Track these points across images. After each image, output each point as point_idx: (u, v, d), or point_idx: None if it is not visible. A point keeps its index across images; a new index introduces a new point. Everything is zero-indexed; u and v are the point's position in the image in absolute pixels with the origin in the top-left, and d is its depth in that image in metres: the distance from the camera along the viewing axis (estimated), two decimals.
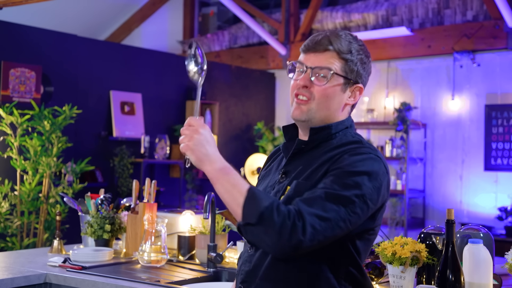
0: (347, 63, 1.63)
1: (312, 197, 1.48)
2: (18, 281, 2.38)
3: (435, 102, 6.57)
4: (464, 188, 6.34)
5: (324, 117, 1.64)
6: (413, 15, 6.66)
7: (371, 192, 1.53)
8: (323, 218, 1.46)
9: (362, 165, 1.54)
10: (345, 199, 1.48)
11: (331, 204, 1.47)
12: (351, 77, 1.64)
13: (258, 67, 7.69)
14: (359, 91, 1.67)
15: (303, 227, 1.43)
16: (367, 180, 1.52)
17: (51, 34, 5.51)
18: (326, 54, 1.63)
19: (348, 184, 1.50)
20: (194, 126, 1.53)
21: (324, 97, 1.63)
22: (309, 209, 1.46)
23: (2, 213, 4.40)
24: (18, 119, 4.42)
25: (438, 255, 2.17)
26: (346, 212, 1.48)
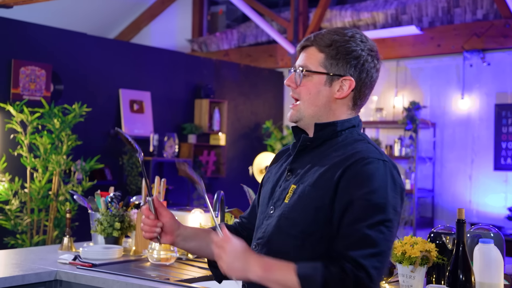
0: (327, 56, 1.61)
1: (355, 239, 1.46)
2: (29, 278, 2.39)
3: (445, 101, 6.55)
4: (474, 188, 6.31)
5: (314, 113, 1.64)
6: (422, 14, 6.64)
7: (395, 199, 1.53)
8: (378, 254, 1.46)
9: (376, 178, 1.51)
10: (382, 222, 1.48)
11: (375, 233, 1.46)
12: (331, 71, 1.61)
13: (267, 65, 7.69)
14: (348, 84, 1.62)
15: (367, 274, 1.43)
16: (386, 191, 1.51)
17: (61, 33, 5.53)
18: (308, 51, 1.65)
19: (377, 205, 1.49)
20: (220, 247, 1.53)
21: (307, 95, 1.63)
22: (360, 252, 1.45)
23: (12, 210, 4.43)
24: (28, 117, 4.45)
25: (448, 254, 2.17)
26: (389, 232, 1.49)
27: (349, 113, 1.66)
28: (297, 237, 1.56)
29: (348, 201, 1.50)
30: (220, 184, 6.93)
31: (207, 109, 6.71)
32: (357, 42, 1.62)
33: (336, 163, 1.56)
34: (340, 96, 1.63)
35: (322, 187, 1.55)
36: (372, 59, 1.63)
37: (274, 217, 1.63)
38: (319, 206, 1.54)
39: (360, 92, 1.64)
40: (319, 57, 1.62)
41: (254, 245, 1.68)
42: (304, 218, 1.56)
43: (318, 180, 1.56)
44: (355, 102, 1.66)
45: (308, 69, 1.63)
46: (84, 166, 4.71)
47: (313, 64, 1.63)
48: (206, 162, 6.80)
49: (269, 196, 1.70)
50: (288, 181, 1.65)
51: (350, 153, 1.57)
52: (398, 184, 1.55)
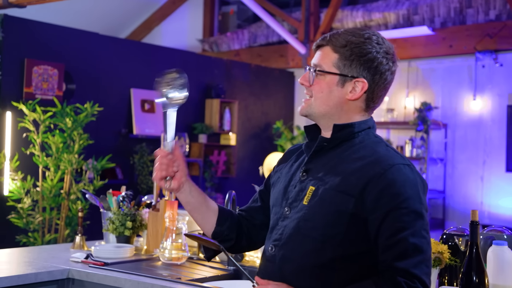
0: (341, 57, 1.60)
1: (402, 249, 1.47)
2: (42, 276, 2.41)
3: (456, 102, 6.52)
4: (485, 189, 6.28)
5: (325, 112, 1.63)
6: (434, 14, 6.61)
7: (425, 201, 1.56)
8: (425, 259, 1.48)
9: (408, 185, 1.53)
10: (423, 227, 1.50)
11: (419, 240, 1.48)
12: (344, 72, 1.60)
13: (278, 66, 7.68)
14: (360, 86, 1.60)
15: (421, 282, 1.46)
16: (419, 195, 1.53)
17: (73, 32, 5.56)
18: (323, 50, 1.64)
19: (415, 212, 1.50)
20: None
21: (319, 93, 1.63)
22: (410, 261, 1.46)
23: (24, 208, 4.46)
24: (40, 116, 4.47)
25: (461, 256, 2.15)
26: (428, 234, 1.52)
27: (362, 114, 1.65)
28: (317, 240, 1.55)
29: (386, 212, 1.50)
30: (230, 184, 6.94)
31: (218, 109, 6.72)
32: (373, 44, 1.60)
33: (359, 168, 1.55)
34: (352, 97, 1.62)
35: (345, 192, 1.54)
36: (387, 62, 1.61)
37: (292, 218, 1.62)
38: (342, 211, 1.53)
39: (373, 94, 1.63)
40: (333, 57, 1.62)
41: (270, 247, 1.66)
42: (325, 221, 1.55)
43: (341, 185, 1.55)
44: (368, 104, 1.65)
45: (321, 69, 1.62)
46: (96, 165, 4.73)
47: (327, 64, 1.62)
48: (216, 162, 6.81)
49: (282, 197, 1.69)
50: (304, 182, 1.64)
51: (372, 158, 1.57)
52: (425, 185, 1.58)
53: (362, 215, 1.52)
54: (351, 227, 1.53)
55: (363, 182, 1.52)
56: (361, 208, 1.52)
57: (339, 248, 1.53)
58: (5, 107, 4.89)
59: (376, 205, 1.50)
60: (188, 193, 1.72)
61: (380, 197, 1.50)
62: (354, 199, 1.52)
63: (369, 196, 1.51)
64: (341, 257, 1.53)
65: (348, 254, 1.53)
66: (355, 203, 1.52)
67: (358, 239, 1.53)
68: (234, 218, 1.81)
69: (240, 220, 1.82)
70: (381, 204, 1.50)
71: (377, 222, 1.50)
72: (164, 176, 1.66)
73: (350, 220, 1.52)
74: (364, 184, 1.52)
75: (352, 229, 1.53)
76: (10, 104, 4.86)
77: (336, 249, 1.53)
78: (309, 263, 1.56)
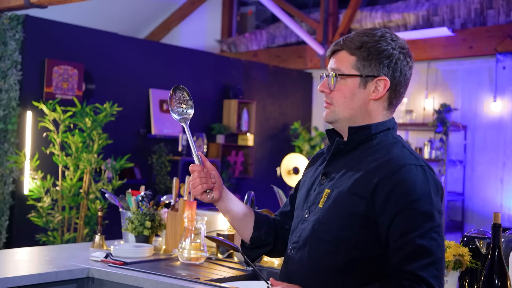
0: (359, 58, 1.59)
1: (409, 251, 1.45)
2: (62, 274, 2.43)
3: (476, 104, 6.46)
4: (505, 192, 6.21)
5: (350, 116, 1.62)
6: (454, 15, 6.55)
7: (438, 203, 1.52)
8: (435, 262, 1.45)
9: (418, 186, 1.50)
10: (433, 229, 1.47)
11: (428, 242, 1.45)
12: (364, 72, 1.59)
13: (296, 66, 7.67)
14: (383, 85, 1.60)
15: (428, 285, 1.43)
16: (430, 197, 1.50)
17: (93, 33, 5.60)
18: (339, 55, 1.63)
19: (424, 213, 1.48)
20: None
21: (341, 99, 1.61)
22: (417, 264, 1.44)
23: (44, 207, 4.50)
24: (60, 116, 4.51)
25: (482, 259, 2.13)
26: (440, 237, 1.48)
27: (384, 113, 1.64)
28: (331, 242, 1.55)
29: (394, 213, 1.48)
30: (248, 184, 6.94)
31: (236, 109, 6.73)
32: (388, 41, 1.60)
33: (371, 170, 1.54)
34: (376, 97, 1.61)
35: (357, 194, 1.53)
36: (404, 57, 1.62)
37: (309, 221, 1.62)
38: (354, 213, 1.52)
39: (395, 91, 1.63)
40: (351, 60, 1.61)
41: (289, 249, 1.67)
42: (338, 223, 1.55)
43: (353, 187, 1.54)
44: (391, 102, 1.64)
45: (341, 73, 1.61)
46: (114, 165, 4.77)
47: (346, 67, 1.61)
48: (234, 162, 6.82)
49: (304, 200, 1.69)
50: (323, 185, 1.64)
51: (384, 159, 1.55)
52: (439, 187, 1.54)
53: (373, 217, 1.51)
54: (364, 230, 1.52)
55: (374, 183, 1.51)
56: (372, 210, 1.51)
57: (354, 250, 1.52)
58: (26, 106, 4.94)
59: (385, 206, 1.49)
60: (227, 202, 1.74)
61: (389, 198, 1.49)
62: (366, 201, 1.51)
63: (378, 198, 1.50)
64: (356, 259, 1.52)
65: (363, 257, 1.52)
66: (366, 205, 1.51)
67: (372, 242, 1.52)
68: (270, 223, 1.82)
69: (275, 224, 1.83)
70: (390, 205, 1.49)
71: (387, 224, 1.49)
72: (205, 189, 1.68)
73: (363, 223, 1.51)
74: (374, 185, 1.51)
75: (365, 231, 1.52)
76: (30, 104, 4.91)
77: (351, 252, 1.53)
78: (325, 266, 1.55)
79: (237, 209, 1.77)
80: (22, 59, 4.96)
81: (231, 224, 1.80)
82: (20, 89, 4.95)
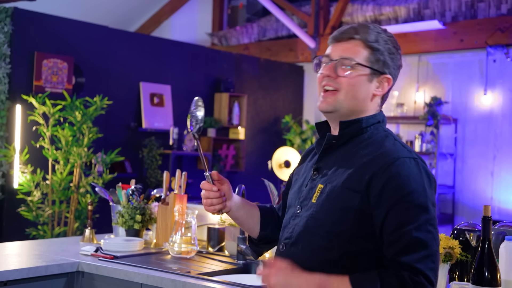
0: (373, 52, 1.59)
1: (405, 244, 1.45)
2: (52, 268, 2.41)
3: (467, 97, 6.48)
4: (495, 185, 6.24)
5: (353, 107, 1.61)
6: (445, 8, 6.56)
7: (432, 195, 1.52)
8: (430, 254, 1.45)
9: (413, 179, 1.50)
10: (428, 221, 1.47)
11: (424, 235, 1.45)
12: (377, 67, 1.60)
13: (287, 60, 7.66)
14: (387, 82, 1.62)
15: (425, 277, 1.43)
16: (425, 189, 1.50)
17: (83, 26, 5.57)
18: (352, 42, 1.61)
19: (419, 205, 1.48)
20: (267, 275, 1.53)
21: (351, 86, 1.59)
22: (414, 256, 1.44)
23: (34, 201, 4.47)
24: (50, 109, 4.48)
25: (472, 252, 2.14)
26: (435, 229, 1.49)
27: (377, 109, 1.66)
28: (325, 238, 1.54)
29: (389, 206, 1.48)
30: (239, 178, 6.94)
31: (227, 103, 6.71)
32: (392, 40, 1.64)
33: (364, 164, 1.54)
34: (378, 93, 1.63)
35: (351, 189, 1.53)
36: (400, 57, 1.66)
37: (302, 217, 1.61)
38: (348, 207, 1.52)
39: (389, 90, 1.67)
40: (366, 52, 1.60)
41: (281, 245, 1.66)
42: (331, 218, 1.54)
43: (347, 181, 1.54)
44: (383, 98, 1.67)
45: (356, 61, 1.59)
46: (105, 158, 4.74)
47: (359, 57, 1.59)
48: (225, 156, 6.81)
49: (296, 196, 1.69)
50: (315, 180, 1.63)
51: (377, 153, 1.55)
52: (432, 179, 1.55)
53: (368, 211, 1.51)
54: (358, 224, 1.51)
55: (367, 177, 1.51)
56: (366, 204, 1.51)
57: (348, 245, 1.52)
58: (15, 100, 4.90)
59: (379, 200, 1.49)
60: (235, 211, 1.79)
61: (383, 191, 1.49)
62: (360, 195, 1.51)
63: (373, 191, 1.50)
64: (350, 254, 1.52)
65: (357, 251, 1.52)
66: (361, 199, 1.51)
67: (366, 236, 1.51)
68: (275, 218, 1.86)
69: (279, 220, 1.86)
70: (384, 199, 1.49)
71: (381, 217, 1.49)
72: (218, 210, 1.73)
73: (357, 217, 1.51)
74: (368, 179, 1.51)
75: (359, 226, 1.51)
76: (20, 97, 4.87)
77: (345, 246, 1.52)
78: (319, 261, 1.55)
79: (245, 215, 1.82)
80: (11, 52, 4.92)
81: (241, 226, 1.88)
82: (9, 83, 4.91)
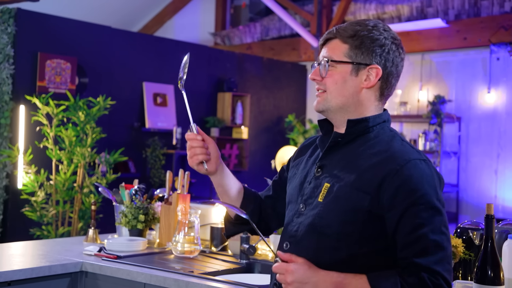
0: (352, 46, 1.60)
1: (423, 246, 1.45)
2: (55, 268, 2.42)
3: (470, 95, 6.46)
4: (499, 183, 6.22)
5: (341, 103, 1.61)
6: (448, 7, 6.54)
7: (442, 196, 1.53)
8: (447, 256, 1.47)
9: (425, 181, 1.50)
10: (442, 223, 1.49)
11: (440, 237, 1.46)
12: (360, 60, 1.59)
13: (290, 59, 7.66)
14: (375, 73, 1.60)
15: (443, 279, 1.44)
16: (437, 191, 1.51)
17: (86, 26, 5.57)
18: (332, 43, 1.63)
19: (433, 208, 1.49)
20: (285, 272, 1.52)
21: (334, 85, 1.61)
22: (432, 258, 1.45)
23: (38, 202, 4.48)
24: (53, 110, 4.49)
25: (475, 250, 2.13)
26: (448, 231, 1.50)
27: (376, 104, 1.64)
28: (333, 238, 1.54)
29: (403, 209, 1.48)
30: (243, 177, 6.94)
31: (230, 102, 6.71)
32: (380, 31, 1.61)
33: (374, 165, 1.53)
34: (367, 85, 1.61)
35: (361, 189, 1.52)
36: (396, 48, 1.62)
37: (308, 216, 1.60)
38: (357, 208, 1.52)
39: (387, 81, 1.62)
40: (343, 48, 1.61)
41: (285, 244, 1.65)
42: (340, 218, 1.53)
43: (356, 182, 1.53)
44: (382, 92, 1.64)
45: (333, 59, 1.61)
46: (108, 158, 4.75)
47: (338, 55, 1.61)
48: (228, 155, 6.81)
49: (297, 193, 1.67)
50: (320, 179, 1.62)
51: (388, 154, 1.55)
52: (442, 180, 1.56)
53: (379, 213, 1.50)
54: (367, 225, 1.51)
55: (378, 179, 1.51)
56: (377, 205, 1.50)
57: (355, 245, 1.51)
58: (19, 100, 4.92)
59: (393, 202, 1.49)
60: (222, 176, 1.76)
61: (397, 194, 1.49)
62: (370, 196, 1.51)
63: (385, 194, 1.50)
64: (357, 254, 1.51)
65: (365, 252, 1.51)
66: (371, 201, 1.50)
67: (375, 237, 1.51)
68: (257, 202, 1.84)
69: (261, 205, 1.85)
70: (398, 201, 1.48)
71: (395, 219, 1.49)
72: (201, 160, 1.69)
73: (366, 218, 1.51)
74: (379, 181, 1.50)
75: (368, 226, 1.51)
76: (23, 98, 4.88)
77: (352, 247, 1.52)
78: (325, 261, 1.54)
79: (229, 185, 1.79)
80: (15, 53, 4.93)
81: (220, 197, 1.82)
82: (12, 83, 4.92)
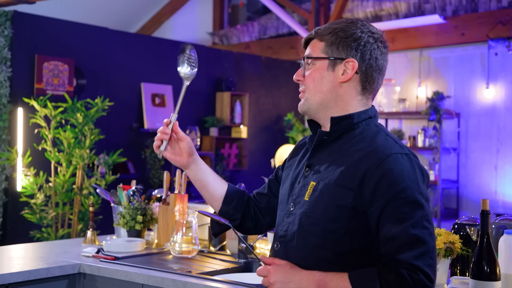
0: (328, 42, 1.63)
1: (403, 241, 1.44)
2: (53, 271, 2.42)
3: (469, 91, 6.45)
4: (499, 178, 6.22)
5: (320, 100, 1.64)
6: (446, 3, 6.53)
7: (425, 190, 1.52)
8: (428, 251, 1.44)
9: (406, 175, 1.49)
10: (424, 217, 1.46)
11: (420, 231, 1.44)
12: (333, 55, 1.61)
13: (288, 57, 7.65)
14: (351, 66, 1.60)
15: (424, 274, 1.42)
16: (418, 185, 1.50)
17: (83, 28, 5.57)
18: (311, 43, 1.68)
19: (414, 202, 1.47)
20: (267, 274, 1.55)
21: (312, 83, 1.64)
22: (412, 253, 1.43)
23: (37, 204, 4.49)
24: (52, 112, 4.49)
25: (473, 246, 2.14)
26: (431, 225, 1.48)
27: (359, 98, 1.63)
28: (319, 235, 1.54)
29: (384, 203, 1.47)
30: (242, 176, 6.94)
31: (229, 102, 6.71)
32: (357, 26, 1.63)
33: (356, 161, 1.53)
34: (344, 79, 1.61)
35: (344, 186, 1.52)
36: (374, 41, 1.62)
37: (296, 215, 1.61)
38: (342, 205, 1.51)
39: (366, 74, 1.61)
40: (320, 45, 1.64)
41: (276, 244, 1.66)
42: (325, 216, 1.54)
43: (340, 178, 1.53)
44: (364, 86, 1.62)
45: (310, 56, 1.65)
46: (107, 160, 4.75)
47: (315, 52, 1.65)
48: (228, 155, 6.81)
49: (288, 193, 1.68)
50: (307, 178, 1.62)
51: (369, 149, 1.54)
52: (425, 174, 1.55)
53: (362, 209, 1.50)
54: (352, 221, 1.51)
55: (360, 174, 1.50)
56: (360, 201, 1.50)
57: (342, 243, 1.52)
58: (17, 103, 4.92)
59: (374, 197, 1.48)
60: (196, 171, 1.79)
61: (377, 189, 1.48)
62: (353, 192, 1.50)
63: (367, 189, 1.49)
64: (345, 251, 1.52)
65: (352, 249, 1.51)
66: (354, 197, 1.50)
67: (361, 233, 1.51)
68: (242, 199, 1.84)
69: (249, 202, 1.86)
70: (378, 196, 1.48)
71: (376, 214, 1.48)
72: (160, 138, 1.77)
73: (351, 214, 1.50)
74: (361, 176, 1.50)
75: (353, 223, 1.51)
76: (21, 100, 4.88)
77: (339, 244, 1.52)
78: (314, 259, 1.54)
79: (207, 180, 1.81)
80: (12, 55, 4.94)
81: (200, 192, 1.84)
82: (10, 86, 4.92)
